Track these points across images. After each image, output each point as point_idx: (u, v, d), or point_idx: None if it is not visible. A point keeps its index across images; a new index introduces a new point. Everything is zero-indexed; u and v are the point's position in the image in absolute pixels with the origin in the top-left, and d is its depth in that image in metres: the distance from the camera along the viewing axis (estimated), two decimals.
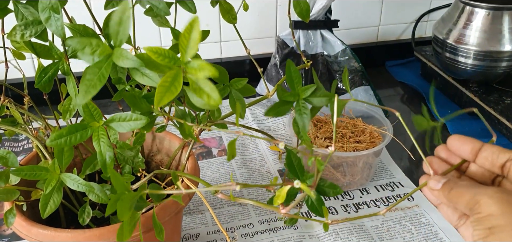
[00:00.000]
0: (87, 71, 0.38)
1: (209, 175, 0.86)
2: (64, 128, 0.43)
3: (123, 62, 0.38)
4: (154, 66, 0.38)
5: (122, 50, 0.38)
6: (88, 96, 0.38)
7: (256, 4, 1.14)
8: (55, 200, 0.48)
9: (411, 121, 1.11)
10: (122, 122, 0.44)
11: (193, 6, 0.52)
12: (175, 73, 0.36)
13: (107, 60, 0.38)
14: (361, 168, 0.80)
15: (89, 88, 0.38)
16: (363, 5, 1.23)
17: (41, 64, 0.52)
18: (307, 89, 0.49)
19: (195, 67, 0.36)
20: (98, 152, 0.44)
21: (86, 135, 0.44)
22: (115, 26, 0.38)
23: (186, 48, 0.36)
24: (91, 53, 0.38)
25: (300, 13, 0.58)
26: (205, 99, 0.37)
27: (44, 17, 0.41)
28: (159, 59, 0.36)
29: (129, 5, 0.38)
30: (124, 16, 0.38)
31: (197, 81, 0.37)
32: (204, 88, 0.37)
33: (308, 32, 1.04)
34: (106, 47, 0.38)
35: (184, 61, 0.37)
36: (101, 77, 0.38)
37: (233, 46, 1.17)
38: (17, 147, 0.94)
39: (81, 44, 0.38)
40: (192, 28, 0.36)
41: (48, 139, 0.42)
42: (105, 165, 0.45)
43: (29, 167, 0.48)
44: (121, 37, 0.38)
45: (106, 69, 0.38)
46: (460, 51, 0.99)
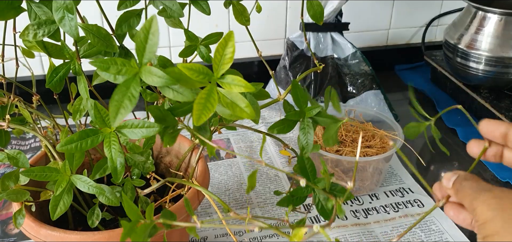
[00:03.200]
0: (116, 92, 0.37)
1: (217, 177, 0.85)
2: (75, 134, 0.42)
3: (152, 80, 0.37)
4: (187, 82, 0.37)
5: (150, 68, 0.37)
6: (120, 117, 0.37)
7: (266, 5, 1.12)
8: (65, 201, 0.48)
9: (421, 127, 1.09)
10: (134, 129, 0.43)
11: (208, 7, 0.51)
12: (210, 89, 0.36)
13: (135, 79, 0.37)
14: (371, 173, 0.79)
15: (119, 109, 0.37)
16: (373, 9, 1.22)
17: (53, 64, 0.51)
18: (313, 108, 0.48)
19: (229, 83, 0.36)
20: (109, 158, 0.43)
21: (97, 140, 0.43)
22: (140, 42, 0.37)
23: (219, 63, 0.36)
24: (116, 73, 0.37)
25: (313, 16, 0.58)
26: (238, 113, 0.37)
27: (58, 17, 0.41)
28: (194, 75, 0.36)
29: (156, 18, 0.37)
30: (150, 32, 0.36)
31: (231, 96, 0.37)
32: (238, 103, 0.37)
33: (318, 34, 1.03)
34: (133, 67, 0.37)
35: (218, 77, 0.36)
36: (131, 97, 0.37)
37: (242, 47, 1.16)
38: (25, 146, 0.93)
39: (105, 64, 0.37)
40: (227, 44, 0.35)
41: (58, 144, 0.42)
42: (116, 171, 0.44)
43: (39, 168, 0.47)
44: (148, 55, 0.37)
45: (134, 88, 0.37)
46: (471, 57, 0.98)
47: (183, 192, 0.58)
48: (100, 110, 0.43)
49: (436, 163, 0.93)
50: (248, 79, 1.10)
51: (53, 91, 0.54)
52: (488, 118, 0.47)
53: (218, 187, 0.82)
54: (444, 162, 0.93)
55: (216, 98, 0.36)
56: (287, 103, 0.50)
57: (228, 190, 0.82)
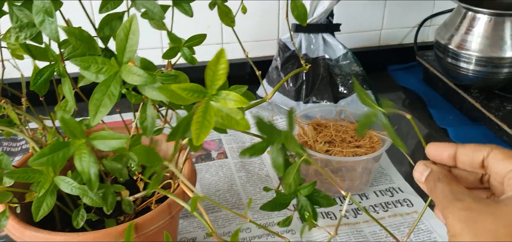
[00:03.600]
0: (96, 90, 0.38)
1: (208, 178, 0.86)
2: (46, 147, 0.42)
3: (132, 79, 0.38)
4: (181, 100, 0.37)
5: (130, 67, 0.37)
6: (99, 116, 0.38)
7: (258, 6, 1.13)
8: (48, 203, 0.48)
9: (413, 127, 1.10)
10: (105, 140, 0.43)
11: (190, 9, 0.51)
12: (205, 106, 0.37)
13: (115, 78, 0.38)
14: (360, 173, 0.79)
15: (99, 108, 0.38)
16: (365, 9, 1.23)
17: (37, 66, 0.52)
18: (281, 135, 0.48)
19: (224, 98, 0.37)
20: (80, 171, 0.43)
21: (69, 153, 0.43)
22: (121, 41, 0.37)
23: (212, 80, 0.36)
24: (97, 72, 0.38)
25: (297, 16, 0.58)
26: (234, 126, 0.37)
27: (38, 20, 0.41)
28: (188, 95, 0.36)
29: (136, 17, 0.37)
30: (131, 31, 0.37)
31: (226, 110, 0.37)
32: (233, 115, 0.37)
33: (309, 35, 1.04)
34: (113, 65, 0.38)
35: (212, 93, 0.37)
36: (111, 95, 0.38)
37: (235, 48, 1.16)
38: (16, 147, 0.94)
39: (86, 63, 0.37)
40: (218, 61, 0.36)
41: (30, 159, 0.42)
42: (90, 182, 0.44)
43: (22, 170, 0.47)
44: (128, 53, 0.37)
45: (115, 86, 0.38)
46: (461, 57, 0.99)
47: (169, 193, 0.58)
48: (67, 122, 0.43)
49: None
50: (241, 80, 1.11)
51: (37, 93, 0.54)
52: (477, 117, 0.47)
53: (208, 188, 0.83)
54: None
55: (213, 114, 0.37)
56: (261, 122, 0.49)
57: (219, 191, 0.82)
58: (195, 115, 0.37)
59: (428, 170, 0.43)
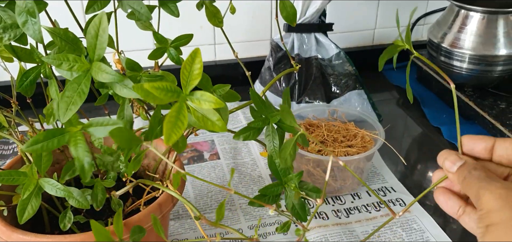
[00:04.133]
0: (67, 88, 0.37)
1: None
2: (40, 133, 0.42)
3: (102, 76, 0.38)
4: (155, 100, 0.37)
5: (100, 65, 0.37)
6: (69, 113, 0.38)
7: (250, 7, 1.13)
8: (33, 205, 0.48)
9: (406, 125, 1.10)
10: (99, 127, 0.43)
11: (176, 9, 0.51)
12: (179, 106, 0.36)
13: (86, 75, 0.38)
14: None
15: (69, 106, 0.38)
16: (358, 9, 1.22)
17: (23, 68, 0.51)
18: (277, 115, 0.48)
19: (199, 99, 0.36)
20: (75, 157, 0.43)
21: (64, 140, 0.43)
22: (91, 39, 0.37)
23: (187, 80, 0.36)
24: (69, 69, 0.38)
25: (286, 17, 0.58)
26: (209, 127, 0.37)
27: (20, 21, 0.41)
28: (162, 94, 0.36)
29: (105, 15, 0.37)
30: (100, 28, 0.37)
31: (201, 110, 0.37)
32: (210, 116, 0.37)
33: (302, 35, 1.04)
34: (83, 62, 0.38)
35: (187, 93, 0.37)
36: (81, 93, 0.38)
37: (228, 48, 1.16)
38: (7, 150, 0.93)
39: (58, 60, 0.37)
40: (193, 60, 0.36)
41: (24, 145, 0.42)
42: (84, 170, 0.44)
43: (6, 172, 0.47)
44: (98, 51, 0.37)
45: (85, 84, 0.38)
46: (455, 55, 0.99)
47: (158, 194, 0.58)
48: None
49: (421, 161, 0.94)
50: (235, 80, 1.10)
51: (24, 95, 0.54)
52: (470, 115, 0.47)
53: (200, 189, 0.82)
54: (429, 160, 0.93)
55: (186, 115, 0.37)
56: (253, 108, 0.49)
57: (211, 192, 0.82)
58: (167, 114, 0.36)
59: (462, 162, 0.43)
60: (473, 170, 0.41)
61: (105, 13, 0.36)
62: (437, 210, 0.77)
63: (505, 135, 0.90)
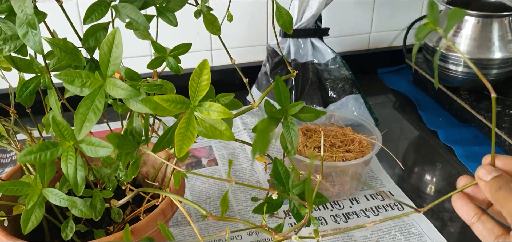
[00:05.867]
0: (81, 105, 0.38)
1: (198, 185, 0.86)
2: (34, 145, 0.42)
3: (116, 92, 0.38)
4: (164, 112, 0.38)
5: (114, 81, 0.38)
6: (85, 130, 0.38)
7: (247, 12, 1.13)
8: (37, 215, 0.48)
9: (403, 129, 1.11)
10: (91, 146, 0.43)
11: (174, 19, 0.51)
12: (188, 118, 0.37)
13: (100, 91, 0.38)
14: (351, 178, 0.79)
15: (84, 123, 0.38)
16: (354, 13, 1.23)
17: (22, 78, 0.51)
18: (295, 105, 0.49)
19: (207, 109, 0.37)
20: (65, 173, 0.43)
21: (57, 153, 0.43)
22: (104, 55, 0.37)
23: (195, 91, 0.36)
24: (81, 86, 0.38)
25: (283, 25, 0.58)
26: (217, 136, 0.38)
27: (21, 32, 0.41)
28: (171, 106, 0.37)
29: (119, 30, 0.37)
30: (114, 44, 0.37)
31: (209, 120, 0.38)
32: (217, 126, 0.37)
33: (298, 40, 1.04)
34: (97, 79, 0.38)
35: (196, 104, 0.37)
36: (96, 109, 0.38)
37: (224, 54, 1.16)
38: (6, 158, 0.93)
39: (70, 77, 0.37)
40: (201, 72, 0.36)
41: (18, 155, 0.42)
42: (77, 185, 0.44)
43: (10, 183, 0.47)
44: (112, 67, 0.37)
45: (99, 100, 0.38)
46: (450, 59, 0.99)
47: (158, 202, 0.58)
48: (58, 123, 0.43)
49: (418, 165, 0.94)
50: (232, 86, 1.10)
51: (24, 105, 0.54)
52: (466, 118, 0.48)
53: (199, 195, 0.83)
54: (426, 164, 0.94)
55: (196, 126, 0.37)
56: (269, 103, 0.50)
57: (209, 198, 0.82)
58: (177, 126, 0.37)
59: (497, 173, 0.43)
60: (510, 183, 0.42)
61: (118, 28, 0.36)
62: (435, 213, 0.77)
63: (501, 138, 0.91)
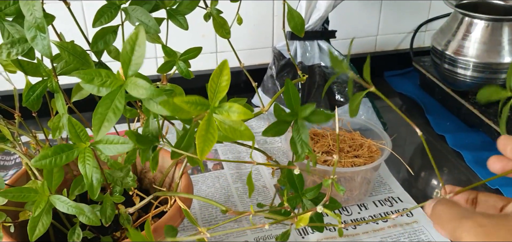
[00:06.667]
0: (100, 104, 0.37)
1: (204, 189, 0.84)
2: (49, 149, 0.41)
3: (138, 92, 0.37)
4: (183, 113, 0.37)
5: (136, 80, 0.36)
6: (104, 130, 0.37)
7: (252, 14, 1.12)
8: (44, 223, 0.47)
9: (410, 133, 1.09)
10: (109, 145, 0.42)
11: (185, 22, 0.50)
12: (208, 120, 0.36)
13: (120, 91, 0.37)
14: (359, 183, 0.78)
15: (103, 123, 0.37)
16: (361, 15, 1.22)
17: (29, 82, 0.50)
18: (306, 108, 0.48)
19: (227, 110, 0.36)
20: (83, 174, 0.42)
21: (72, 156, 0.42)
22: (126, 54, 0.36)
23: (215, 92, 0.36)
24: (100, 85, 0.37)
25: (294, 27, 0.57)
26: (238, 137, 0.37)
27: (30, 36, 0.40)
28: (191, 108, 0.36)
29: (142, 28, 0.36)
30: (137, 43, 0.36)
31: (228, 122, 0.37)
32: (237, 127, 0.37)
33: (305, 43, 1.03)
34: (117, 78, 0.37)
35: (215, 106, 0.36)
36: (115, 109, 0.37)
37: (230, 56, 1.15)
38: (9, 161, 0.92)
39: (89, 76, 0.36)
40: (221, 72, 0.35)
41: (32, 160, 0.41)
42: (92, 187, 0.43)
43: (17, 189, 0.46)
44: (134, 66, 0.36)
45: (119, 100, 0.37)
46: (459, 63, 0.98)
47: (166, 208, 0.57)
48: (74, 125, 0.43)
49: (426, 170, 0.93)
50: (237, 88, 1.09)
51: (30, 109, 0.53)
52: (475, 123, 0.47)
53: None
54: (433, 169, 0.92)
55: (216, 127, 0.36)
56: (279, 106, 0.49)
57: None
58: (198, 128, 0.36)
59: (434, 202, 0.42)
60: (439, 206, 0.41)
61: (142, 26, 0.35)
62: None
63: None
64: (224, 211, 0.49)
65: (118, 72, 0.40)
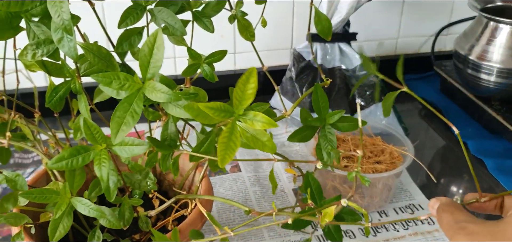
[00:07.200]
0: (118, 108, 0.36)
1: (222, 192, 0.84)
2: (65, 151, 0.41)
3: (156, 96, 0.36)
4: (206, 119, 0.36)
5: (154, 84, 0.36)
6: (121, 134, 0.37)
7: (272, 15, 1.11)
8: (65, 225, 0.46)
9: (430, 138, 1.07)
10: (125, 147, 0.41)
11: (211, 25, 0.50)
12: (231, 127, 0.35)
13: (138, 94, 0.36)
14: (381, 190, 0.77)
15: (121, 126, 0.36)
16: (381, 18, 1.20)
17: (52, 83, 0.50)
18: (334, 114, 0.47)
19: (252, 119, 0.35)
20: (99, 177, 0.42)
21: (88, 158, 0.42)
22: (144, 57, 0.35)
23: (240, 100, 0.35)
24: (118, 88, 0.36)
25: (321, 30, 0.56)
26: (259, 147, 0.36)
27: (56, 37, 0.39)
28: (215, 114, 0.35)
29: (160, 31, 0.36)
30: (155, 46, 0.35)
31: (251, 131, 0.36)
32: (259, 137, 0.36)
33: (325, 45, 1.02)
34: (136, 81, 0.36)
35: (240, 113, 0.36)
36: (134, 113, 0.36)
37: (248, 57, 1.15)
38: (27, 159, 0.92)
39: (107, 79, 0.36)
40: (248, 80, 0.35)
41: (49, 162, 0.40)
42: (109, 190, 0.43)
43: (38, 190, 0.46)
44: (152, 69, 0.36)
45: (137, 104, 0.36)
46: (482, 68, 0.96)
47: (187, 212, 0.56)
48: (90, 126, 0.42)
49: (446, 176, 0.91)
50: None
51: (53, 110, 0.52)
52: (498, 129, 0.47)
53: (222, 202, 0.81)
54: (454, 176, 0.91)
55: (238, 135, 0.36)
56: (305, 111, 0.48)
57: (233, 206, 0.80)
58: (220, 136, 0.35)
59: (438, 203, 0.45)
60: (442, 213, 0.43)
61: (160, 29, 0.34)
62: None
63: None
64: (247, 212, 0.48)
65: (136, 75, 0.39)
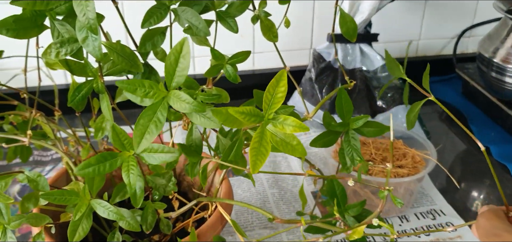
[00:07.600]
0: (141, 116, 0.36)
1: (239, 193, 0.83)
2: (93, 157, 0.40)
3: (180, 106, 0.35)
4: (235, 123, 0.35)
5: (179, 93, 0.35)
6: (144, 143, 0.36)
7: (291, 15, 1.10)
8: (84, 226, 0.46)
9: (451, 142, 1.05)
10: (154, 153, 0.41)
11: (235, 25, 0.49)
12: (261, 132, 0.35)
13: (162, 103, 0.36)
14: (402, 194, 0.75)
15: (144, 135, 0.36)
16: (403, 19, 1.18)
17: (75, 82, 0.50)
18: (359, 119, 0.46)
19: (282, 123, 0.35)
20: (127, 183, 0.41)
21: (116, 164, 0.41)
22: (170, 65, 0.35)
23: (270, 103, 0.34)
24: (143, 96, 0.36)
25: (346, 32, 0.55)
26: (289, 152, 0.36)
27: (81, 37, 0.39)
28: (245, 119, 0.34)
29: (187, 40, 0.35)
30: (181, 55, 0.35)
31: (281, 134, 0.36)
32: (289, 141, 0.35)
33: (346, 46, 1.00)
34: (161, 90, 0.36)
35: (270, 118, 0.35)
36: (157, 122, 0.36)
37: (266, 57, 1.14)
38: (46, 157, 0.92)
39: (132, 86, 0.35)
40: (278, 83, 0.34)
41: (76, 168, 0.40)
42: (135, 196, 0.42)
43: (59, 192, 0.45)
44: (178, 78, 0.35)
45: (162, 112, 0.36)
46: (507, 72, 0.94)
47: (207, 215, 0.56)
48: (119, 133, 0.41)
49: (468, 181, 0.89)
50: None
51: (75, 109, 0.52)
52: None
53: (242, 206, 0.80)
54: (476, 181, 0.89)
55: (269, 140, 0.35)
56: (328, 115, 0.48)
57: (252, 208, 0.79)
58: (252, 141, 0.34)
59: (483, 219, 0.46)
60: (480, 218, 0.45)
61: (187, 38, 0.33)
62: None
63: None
64: (271, 219, 0.47)
65: (161, 83, 0.38)
